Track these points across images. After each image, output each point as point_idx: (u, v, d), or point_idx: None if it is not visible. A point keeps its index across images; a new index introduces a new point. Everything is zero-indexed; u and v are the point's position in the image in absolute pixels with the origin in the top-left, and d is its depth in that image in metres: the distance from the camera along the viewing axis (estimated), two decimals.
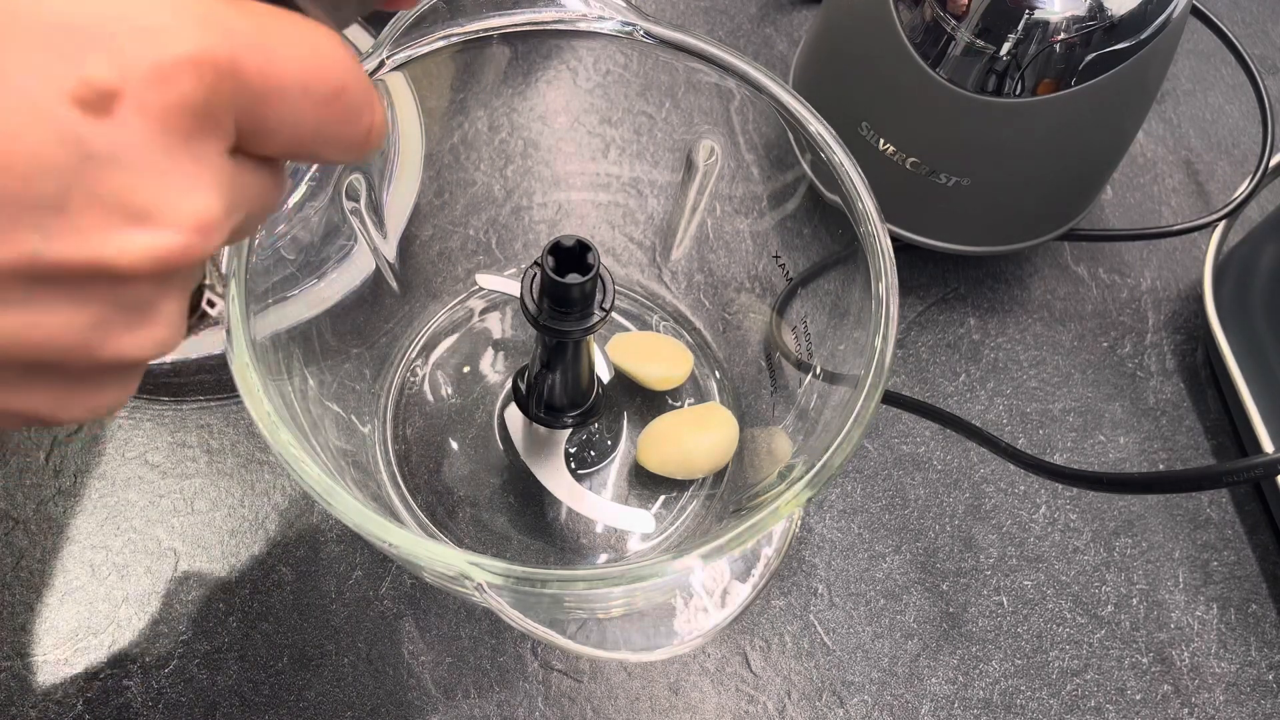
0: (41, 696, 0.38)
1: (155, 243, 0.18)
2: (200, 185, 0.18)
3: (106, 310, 0.18)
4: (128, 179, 0.17)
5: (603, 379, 0.40)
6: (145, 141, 0.17)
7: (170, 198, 0.18)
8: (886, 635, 0.41)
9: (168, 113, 0.17)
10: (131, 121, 0.17)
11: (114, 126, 0.17)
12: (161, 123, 0.17)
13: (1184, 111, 0.56)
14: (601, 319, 0.32)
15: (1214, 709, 0.41)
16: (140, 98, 0.17)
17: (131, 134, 0.17)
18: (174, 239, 0.18)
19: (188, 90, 0.17)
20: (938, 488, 0.44)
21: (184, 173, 0.18)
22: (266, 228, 0.31)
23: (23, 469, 0.42)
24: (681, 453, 0.40)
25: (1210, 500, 0.45)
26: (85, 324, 0.18)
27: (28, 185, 0.16)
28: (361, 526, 0.26)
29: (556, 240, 0.30)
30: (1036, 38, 0.37)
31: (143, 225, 0.18)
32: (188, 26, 0.17)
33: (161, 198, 0.18)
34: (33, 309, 0.18)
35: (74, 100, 0.16)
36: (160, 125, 0.17)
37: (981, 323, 0.49)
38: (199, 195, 0.18)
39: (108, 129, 0.17)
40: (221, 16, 0.18)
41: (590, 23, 0.34)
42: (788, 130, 0.34)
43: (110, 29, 0.17)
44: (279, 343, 0.32)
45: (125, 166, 0.17)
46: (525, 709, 0.39)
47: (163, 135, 0.17)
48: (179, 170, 0.18)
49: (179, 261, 0.18)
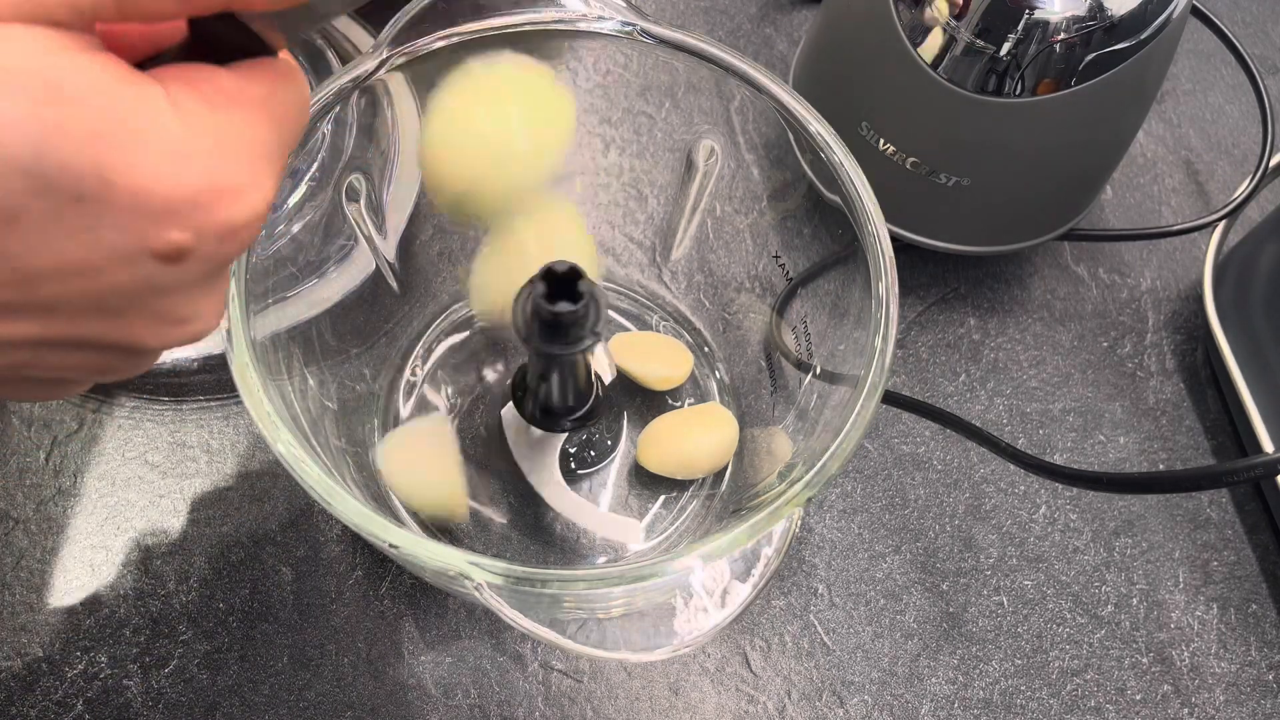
0: (41, 696, 0.38)
1: (183, 338, 0.23)
2: (223, 287, 0.24)
3: (120, 359, 0.23)
4: (179, 301, 0.22)
5: (604, 380, 0.40)
6: (201, 279, 0.21)
7: (203, 309, 0.23)
8: (886, 635, 0.41)
9: (225, 260, 0.21)
10: (194, 268, 0.21)
11: (180, 271, 0.21)
12: (218, 265, 0.22)
13: (1184, 111, 0.56)
14: (592, 343, 0.31)
15: (1214, 709, 0.41)
16: (206, 252, 0.21)
17: (192, 275, 0.21)
18: (195, 336, 0.23)
19: (246, 241, 0.21)
20: (938, 488, 0.44)
21: (219, 288, 0.23)
22: (266, 228, 0.31)
23: (23, 469, 0.42)
24: (681, 453, 0.40)
25: (1210, 500, 0.45)
26: (96, 366, 0.23)
27: (101, 301, 0.21)
28: (361, 526, 0.27)
29: (550, 266, 0.30)
30: (1036, 38, 0.37)
31: (179, 328, 0.23)
32: (260, 185, 0.21)
33: (197, 310, 0.22)
34: (59, 355, 0.22)
35: (154, 254, 0.20)
36: (217, 267, 0.22)
37: (981, 323, 0.49)
38: (220, 297, 0.23)
39: (175, 272, 0.21)
40: (278, 157, 0.22)
41: (590, 23, 0.34)
42: (788, 130, 0.34)
43: (193, 196, 0.20)
44: (279, 343, 0.32)
45: (180, 294, 0.21)
46: (525, 709, 0.39)
47: (216, 276, 0.22)
48: (217, 289, 0.23)
49: (191, 343, 0.24)
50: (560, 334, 0.31)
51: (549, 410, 0.38)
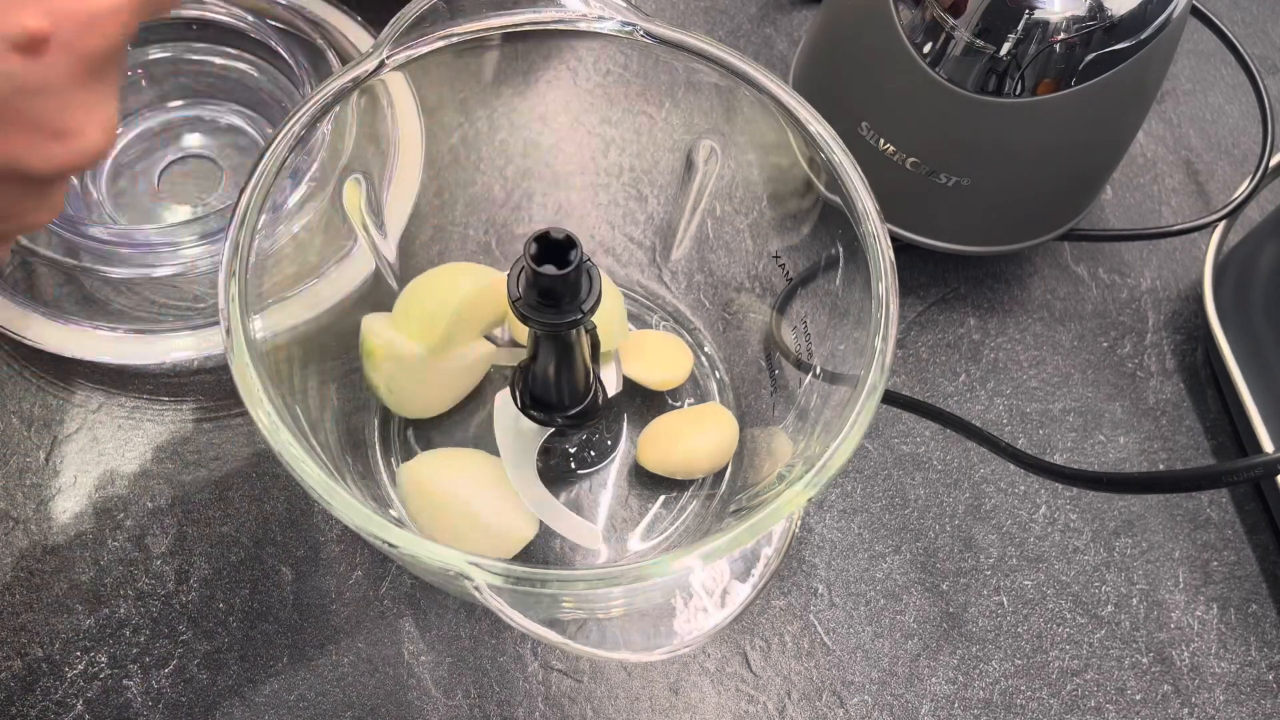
0: (41, 696, 0.38)
1: (69, 157, 0.22)
2: (107, 101, 0.22)
3: (15, 196, 0.23)
4: (53, 107, 0.21)
5: (607, 389, 0.40)
6: (72, 80, 0.21)
7: (83, 120, 0.22)
8: (886, 635, 0.41)
9: (92, 54, 0.21)
10: (59, 62, 0.20)
11: (45, 67, 0.20)
12: (87, 61, 0.21)
13: (1184, 111, 0.56)
14: (577, 319, 0.31)
15: (1214, 709, 0.41)
16: (67, 43, 0.20)
17: (59, 72, 0.20)
18: (83, 154, 0.22)
19: (111, 33, 0.21)
20: (938, 488, 0.44)
21: (97, 97, 0.22)
22: (267, 228, 0.31)
23: (23, 469, 0.42)
24: (681, 453, 0.40)
25: (1210, 500, 0.45)
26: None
27: None
28: (361, 527, 0.26)
29: (546, 230, 0.30)
30: (1036, 38, 0.37)
31: (61, 142, 0.21)
32: None
33: (77, 121, 0.21)
34: None
35: (12, 44, 0.19)
36: (83, 65, 0.21)
37: (981, 323, 0.49)
38: (105, 111, 0.22)
39: (39, 68, 0.20)
40: None
41: (590, 23, 0.34)
42: (788, 130, 0.34)
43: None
44: (279, 343, 0.32)
45: (51, 97, 0.21)
46: (525, 709, 0.39)
47: (85, 73, 0.21)
48: (94, 97, 0.22)
49: (84, 167, 0.23)
50: (548, 302, 0.31)
51: (541, 401, 0.37)
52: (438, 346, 0.39)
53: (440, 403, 0.42)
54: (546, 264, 0.29)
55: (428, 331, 0.39)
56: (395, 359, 0.39)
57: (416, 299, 0.40)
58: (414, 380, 0.39)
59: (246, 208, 0.30)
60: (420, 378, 0.39)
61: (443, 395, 0.41)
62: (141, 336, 0.42)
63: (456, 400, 0.42)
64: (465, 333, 0.40)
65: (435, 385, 0.41)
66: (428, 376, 0.40)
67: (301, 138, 0.32)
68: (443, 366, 0.40)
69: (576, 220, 0.45)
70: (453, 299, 0.39)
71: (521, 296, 0.31)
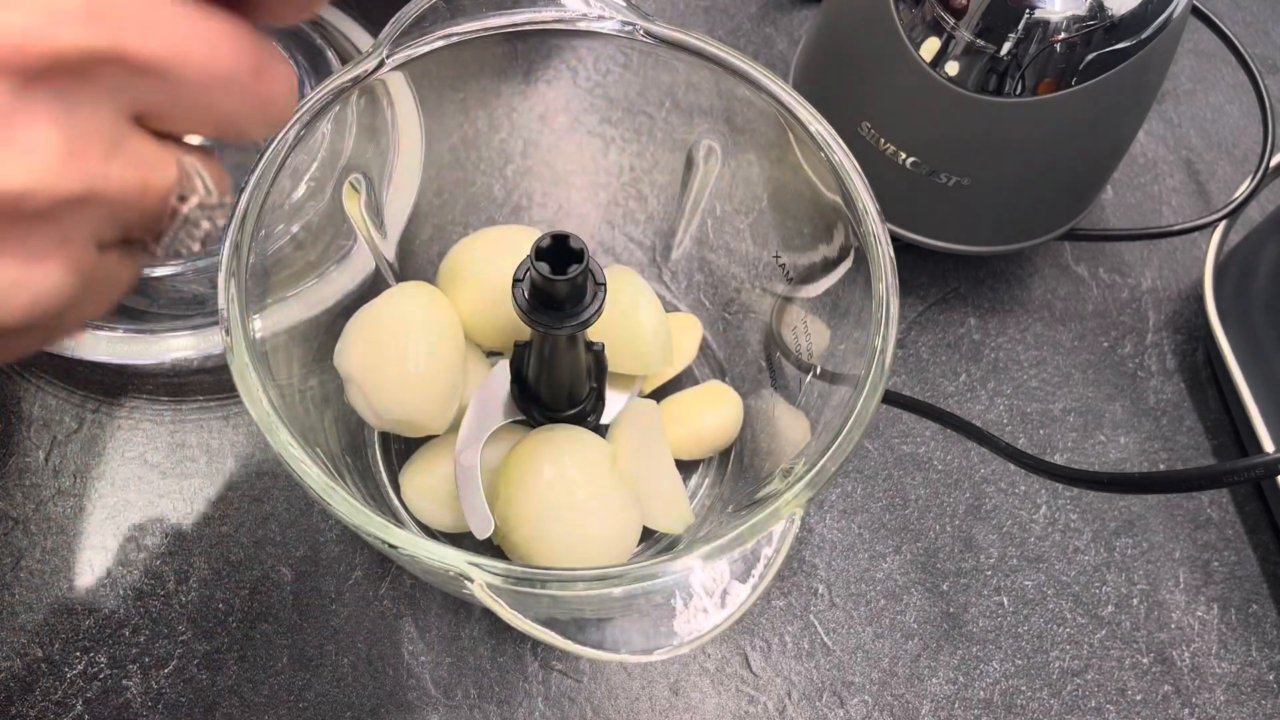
0: (41, 696, 0.38)
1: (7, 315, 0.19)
2: (48, 266, 0.19)
3: None
4: None
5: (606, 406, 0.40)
6: None
7: (16, 276, 0.19)
8: (887, 635, 0.41)
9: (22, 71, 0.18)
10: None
11: None
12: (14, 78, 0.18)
13: (1184, 111, 0.56)
14: (575, 326, 0.31)
15: (1214, 709, 0.41)
16: None
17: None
18: (18, 313, 0.19)
19: None
20: (938, 488, 0.44)
21: (36, 261, 0.19)
22: (267, 228, 0.31)
23: (23, 469, 0.42)
24: (692, 431, 0.40)
25: (1210, 500, 0.45)
26: None
27: None
28: (361, 527, 0.26)
29: (552, 231, 0.30)
30: (1037, 37, 0.37)
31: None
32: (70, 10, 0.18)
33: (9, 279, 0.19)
34: None
35: None
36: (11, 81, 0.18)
37: (982, 323, 0.49)
38: (47, 277, 0.19)
39: None
40: None
41: (590, 23, 0.34)
42: (788, 130, 0.34)
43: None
44: (279, 343, 0.32)
45: None
46: (525, 709, 0.39)
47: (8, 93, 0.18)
48: (32, 260, 0.19)
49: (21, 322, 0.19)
50: (552, 306, 0.31)
51: (532, 397, 0.37)
52: None
53: None
54: (542, 262, 0.29)
55: None
56: None
57: None
58: None
59: (246, 208, 0.30)
60: None
61: None
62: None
63: None
64: None
65: None
66: None
67: (301, 137, 0.32)
68: None
69: (576, 220, 0.45)
70: None
71: (523, 295, 0.31)
